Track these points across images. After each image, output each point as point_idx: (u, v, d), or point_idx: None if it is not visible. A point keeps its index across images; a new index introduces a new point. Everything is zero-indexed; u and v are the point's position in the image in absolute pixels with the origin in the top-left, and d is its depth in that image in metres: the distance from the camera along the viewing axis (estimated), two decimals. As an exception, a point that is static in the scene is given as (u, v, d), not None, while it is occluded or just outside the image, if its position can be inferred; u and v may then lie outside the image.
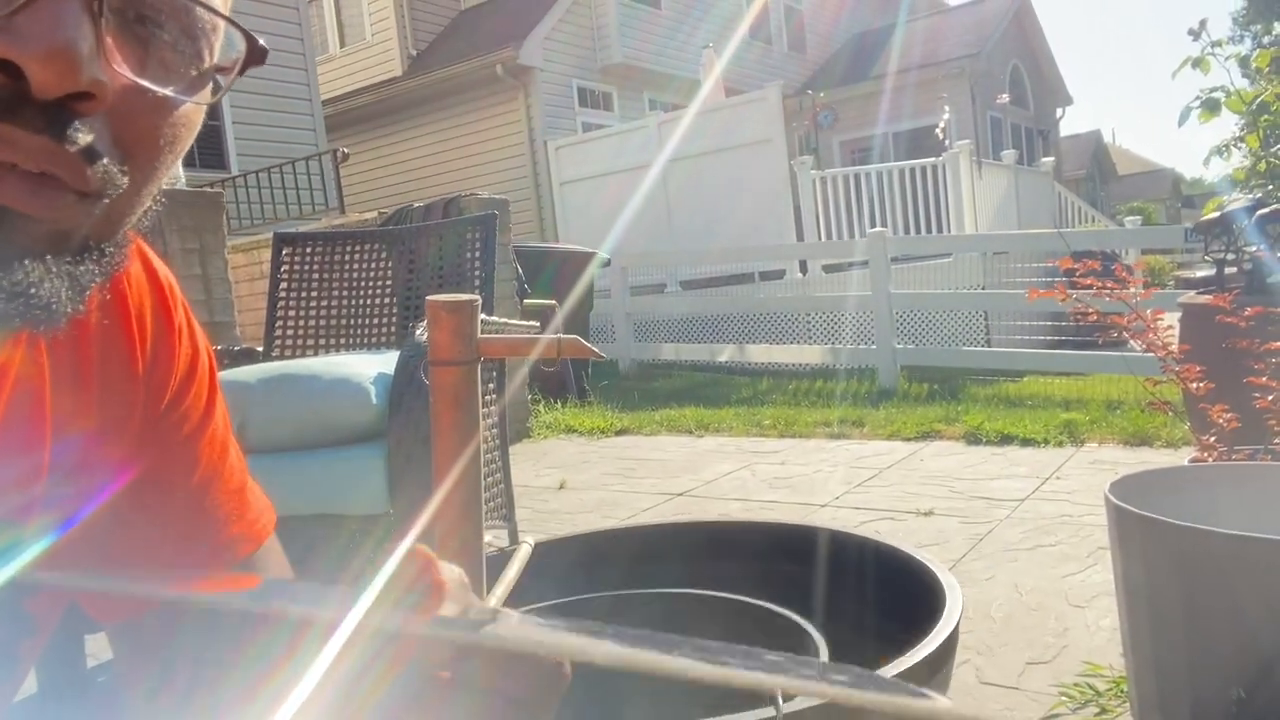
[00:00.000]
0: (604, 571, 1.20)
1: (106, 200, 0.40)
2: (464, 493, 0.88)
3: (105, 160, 0.39)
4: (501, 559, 1.05)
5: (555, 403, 5.34)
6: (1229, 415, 1.78)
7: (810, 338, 7.49)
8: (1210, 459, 1.78)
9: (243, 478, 0.59)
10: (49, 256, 0.38)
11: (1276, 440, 1.71)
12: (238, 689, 0.52)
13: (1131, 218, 13.00)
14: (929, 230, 8.09)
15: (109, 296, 0.54)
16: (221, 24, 0.43)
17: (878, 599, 1.07)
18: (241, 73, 0.45)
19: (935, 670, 0.83)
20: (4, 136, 0.35)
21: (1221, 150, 2.72)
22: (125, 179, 0.40)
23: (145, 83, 0.39)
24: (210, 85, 0.44)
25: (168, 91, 0.41)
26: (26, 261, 0.37)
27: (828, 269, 7.79)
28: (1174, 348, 2.00)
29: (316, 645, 0.53)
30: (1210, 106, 2.48)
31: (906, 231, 8.08)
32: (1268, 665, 1.12)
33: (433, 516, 0.89)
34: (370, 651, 0.48)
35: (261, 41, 0.45)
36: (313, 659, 0.51)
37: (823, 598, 1.07)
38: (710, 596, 1.05)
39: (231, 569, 0.55)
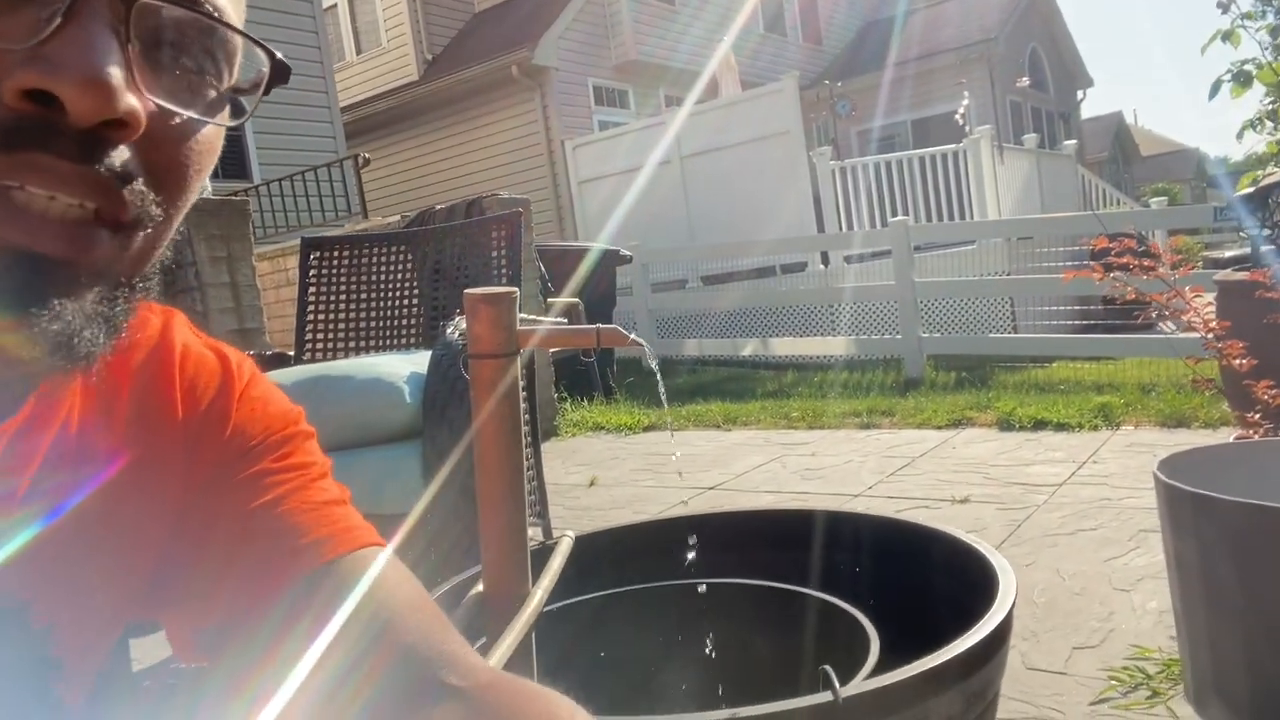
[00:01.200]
0: (645, 563, 1.20)
1: (141, 234, 0.39)
2: (509, 483, 0.88)
3: (140, 181, 0.38)
4: (544, 552, 1.05)
5: (582, 400, 5.34)
6: (1274, 391, 1.74)
7: (834, 329, 7.45)
8: (1256, 436, 1.75)
9: (342, 495, 0.57)
10: (88, 300, 0.38)
11: (1324, 415, 1.67)
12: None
13: (1157, 199, 12.82)
14: (951, 217, 8.01)
15: (160, 351, 0.53)
16: (241, 43, 0.42)
17: (927, 584, 1.05)
18: (267, 92, 0.45)
19: (991, 653, 0.81)
20: (41, 165, 0.35)
21: (1255, 124, 2.67)
22: (159, 210, 0.40)
23: (174, 108, 0.39)
24: (229, 106, 0.44)
25: (195, 115, 0.40)
26: (67, 310, 0.36)
27: (849, 259, 7.73)
28: (1214, 325, 1.96)
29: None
30: (1242, 80, 2.44)
31: (928, 219, 8.01)
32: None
33: (479, 508, 0.89)
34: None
35: (279, 55, 0.44)
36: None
37: (870, 583, 1.06)
38: (760, 586, 1.04)
39: (315, 568, 0.51)
